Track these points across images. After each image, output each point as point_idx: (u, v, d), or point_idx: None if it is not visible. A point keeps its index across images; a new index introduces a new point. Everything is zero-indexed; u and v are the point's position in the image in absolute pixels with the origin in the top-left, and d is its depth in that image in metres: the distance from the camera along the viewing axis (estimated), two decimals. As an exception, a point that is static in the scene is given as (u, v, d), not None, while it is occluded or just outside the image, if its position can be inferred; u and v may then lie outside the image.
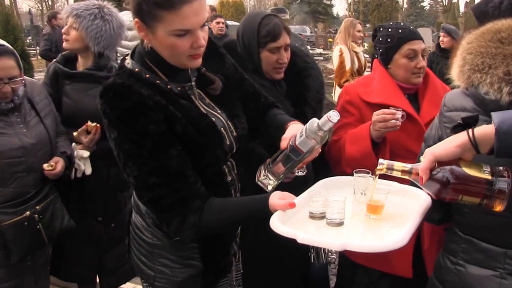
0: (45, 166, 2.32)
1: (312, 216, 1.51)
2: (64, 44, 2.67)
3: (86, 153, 2.51)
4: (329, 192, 1.54)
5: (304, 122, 1.76)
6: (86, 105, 2.59)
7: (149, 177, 1.48)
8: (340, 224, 1.47)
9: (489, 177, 1.31)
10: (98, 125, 2.50)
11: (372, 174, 1.58)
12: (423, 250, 2.19)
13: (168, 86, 1.56)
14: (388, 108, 2.12)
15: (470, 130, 1.34)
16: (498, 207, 1.31)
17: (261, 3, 65.37)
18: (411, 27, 2.34)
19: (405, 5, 53.74)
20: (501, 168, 1.32)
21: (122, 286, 3.27)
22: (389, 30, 2.29)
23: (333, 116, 1.47)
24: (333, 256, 2.57)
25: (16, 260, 2.31)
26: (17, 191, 2.24)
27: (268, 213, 1.46)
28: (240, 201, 1.67)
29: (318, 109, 2.31)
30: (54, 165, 2.35)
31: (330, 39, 17.56)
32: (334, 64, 5.85)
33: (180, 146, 1.53)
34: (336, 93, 6.04)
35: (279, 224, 1.41)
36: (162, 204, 1.52)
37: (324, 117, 1.49)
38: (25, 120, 2.31)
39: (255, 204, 1.54)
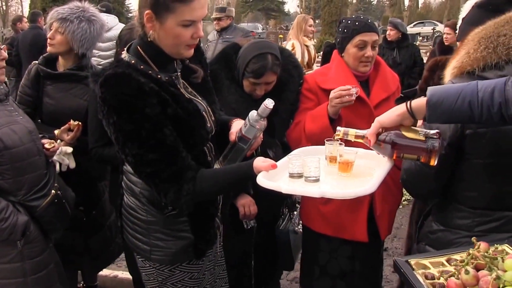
0: (46, 145, 2.37)
1: (292, 176, 1.72)
2: (49, 48, 2.73)
3: (69, 149, 2.58)
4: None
5: (272, 132, 2.25)
6: (68, 103, 2.70)
7: (148, 154, 1.66)
8: (317, 180, 1.69)
9: (423, 138, 1.58)
10: (80, 123, 2.59)
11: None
12: (376, 216, 2.45)
13: (158, 76, 1.75)
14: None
15: (408, 102, 1.61)
16: (432, 162, 1.59)
17: (214, 2, 64.88)
18: (369, 20, 2.48)
19: (354, 1, 54.71)
20: (433, 131, 1.59)
21: (101, 273, 3.45)
22: (348, 22, 2.47)
23: (268, 103, 1.81)
24: (299, 229, 2.75)
25: (58, 237, 2.42)
26: (37, 175, 2.27)
27: (253, 175, 1.67)
28: (228, 168, 1.86)
29: (287, 120, 2.53)
30: (54, 144, 2.43)
31: (281, 35, 17.76)
32: None
33: (171, 127, 1.70)
34: None
35: (264, 180, 1.63)
36: (161, 176, 1.69)
37: (262, 105, 1.83)
38: (16, 108, 2.34)
39: (241, 169, 1.75)
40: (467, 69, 1.65)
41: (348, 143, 1.80)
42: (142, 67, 1.73)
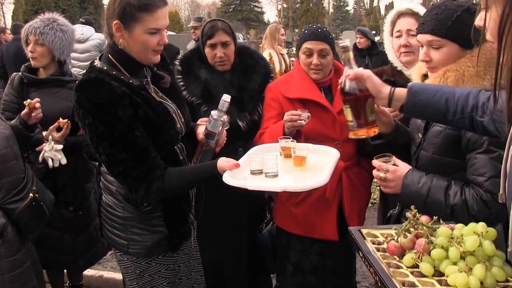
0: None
1: (253, 172, 1.89)
2: (33, 63, 2.89)
3: (60, 146, 2.68)
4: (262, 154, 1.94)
5: (241, 106, 2.51)
6: (54, 106, 2.82)
7: (120, 153, 1.79)
8: (276, 175, 1.86)
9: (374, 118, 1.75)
10: (69, 121, 2.69)
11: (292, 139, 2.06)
12: (345, 216, 2.51)
13: (130, 81, 1.88)
14: (314, 104, 2.45)
15: (393, 88, 1.66)
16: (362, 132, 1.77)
17: (194, 13, 64.80)
18: (320, 30, 2.50)
19: (331, 10, 55.24)
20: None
21: (86, 273, 3.53)
22: (303, 31, 2.58)
23: (225, 97, 2.06)
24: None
25: (35, 237, 2.49)
26: (15, 179, 2.35)
27: (217, 174, 1.83)
28: (193, 167, 2.05)
29: (256, 98, 2.67)
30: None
31: (261, 45, 17.95)
32: None
33: (142, 128, 1.83)
34: None
35: (231, 179, 1.79)
36: (131, 174, 1.82)
37: (221, 101, 2.06)
38: None
39: (206, 168, 1.93)
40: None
41: (299, 140, 2.00)
42: (114, 73, 1.86)
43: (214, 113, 2.09)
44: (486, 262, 1.20)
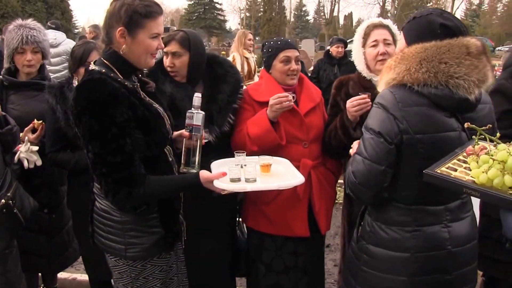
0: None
1: (233, 180, 2.03)
2: (29, 69, 2.93)
3: (36, 147, 2.70)
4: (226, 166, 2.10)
5: (211, 119, 2.50)
6: (33, 108, 2.87)
7: (107, 155, 1.83)
8: (255, 180, 2.04)
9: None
10: (43, 122, 2.73)
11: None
12: (315, 212, 2.64)
13: (126, 83, 1.95)
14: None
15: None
16: None
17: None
18: (289, 40, 2.81)
19: (292, 19, 55.89)
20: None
21: (60, 275, 3.52)
22: (271, 42, 2.74)
23: (196, 94, 2.18)
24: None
25: (4, 245, 2.45)
26: None
27: (199, 184, 1.94)
28: (173, 177, 2.09)
29: (225, 109, 2.62)
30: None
31: (223, 52, 18.12)
32: None
33: (139, 132, 1.90)
34: None
35: (227, 184, 1.96)
36: (113, 177, 1.85)
37: (194, 98, 2.16)
38: None
39: (186, 179, 2.02)
40: (408, 85, 1.80)
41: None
42: (112, 75, 1.92)
43: (191, 110, 2.17)
44: (508, 172, 1.55)
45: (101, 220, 2.10)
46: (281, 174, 2.22)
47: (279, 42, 2.71)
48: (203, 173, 1.96)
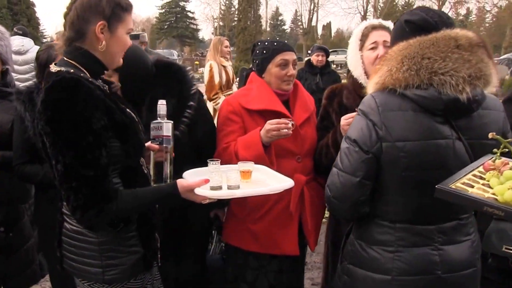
0: None
1: (213, 188, 1.84)
2: None
3: None
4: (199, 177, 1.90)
5: None
6: None
7: (80, 167, 1.64)
8: (238, 187, 1.88)
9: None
10: None
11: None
12: (306, 230, 2.48)
13: (98, 84, 1.76)
14: (275, 115, 2.34)
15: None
16: None
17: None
18: (285, 41, 2.54)
19: (268, 29, 56.24)
20: None
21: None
22: (266, 43, 2.52)
23: (160, 101, 1.99)
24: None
25: None
26: None
27: (177, 194, 1.78)
28: (147, 188, 1.89)
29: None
30: None
31: (197, 62, 17.75)
32: (205, 80, 6.01)
33: (116, 140, 1.73)
34: (208, 107, 6.07)
35: (213, 192, 1.82)
36: (85, 192, 1.67)
37: (158, 107, 1.98)
38: None
39: (163, 189, 1.84)
40: (389, 87, 1.65)
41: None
42: (82, 75, 1.72)
43: (156, 121, 1.98)
44: None
45: (72, 242, 1.93)
46: (262, 180, 2.07)
47: (275, 44, 2.51)
48: (182, 182, 1.82)
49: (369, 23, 2.49)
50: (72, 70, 1.71)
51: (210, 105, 5.88)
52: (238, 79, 7.35)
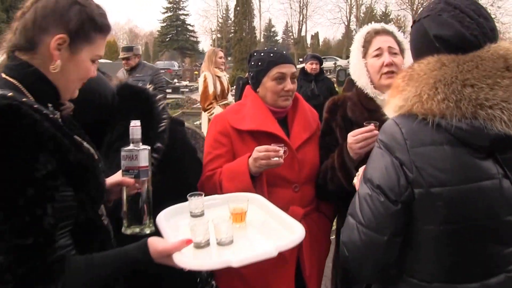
0: None
1: (198, 246, 1.40)
2: None
3: None
4: (178, 217, 1.56)
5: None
6: None
7: (12, 236, 1.10)
8: (231, 242, 1.42)
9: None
10: None
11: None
12: (305, 276, 2.05)
13: (46, 112, 1.22)
14: (269, 137, 2.00)
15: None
16: None
17: (132, 43, 64.57)
18: (284, 52, 2.17)
19: (262, 39, 56.39)
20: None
21: None
22: (262, 54, 2.15)
23: (134, 122, 1.48)
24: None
25: None
26: None
27: (149, 260, 1.26)
28: (107, 254, 1.30)
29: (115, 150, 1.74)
30: None
31: (196, 72, 17.72)
32: (199, 91, 5.84)
33: (69, 188, 1.22)
34: (203, 118, 6.07)
35: (199, 263, 1.32)
36: (19, 271, 1.12)
37: (131, 129, 1.47)
38: None
39: (129, 254, 1.28)
40: (420, 117, 1.26)
41: None
42: (24, 99, 1.19)
43: (131, 147, 1.47)
44: None
45: None
46: (261, 222, 1.58)
47: (271, 55, 2.11)
48: (155, 243, 1.27)
49: (371, 28, 2.15)
50: (10, 94, 1.18)
51: (205, 116, 5.77)
52: (235, 87, 7.26)
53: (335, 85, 7.60)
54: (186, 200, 1.66)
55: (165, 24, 58.36)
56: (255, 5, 42.89)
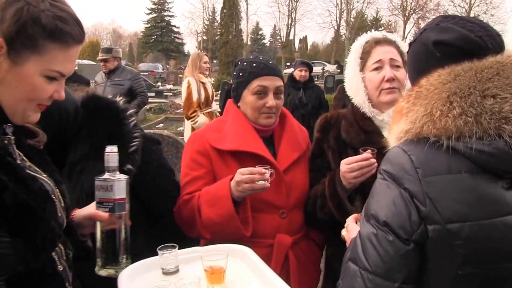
0: None
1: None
2: None
3: None
4: (147, 275, 1.42)
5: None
6: None
7: None
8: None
9: None
10: None
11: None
12: None
13: None
14: (253, 157, 1.83)
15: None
16: None
17: (116, 43, 64.26)
18: (270, 62, 1.95)
19: (249, 42, 56.42)
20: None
21: None
22: (244, 63, 1.94)
23: (109, 147, 1.36)
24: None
25: None
26: None
27: None
28: None
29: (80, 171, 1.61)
30: None
31: (181, 75, 17.49)
32: (182, 97, 5.56)
33: (5, 233, 1.04)
34: (186, 126, 5.78)
35: None
36: None
37: (106, 156, 1.35)
38: None
39: None
40: (431, 140, 1.09)
41: None
42: None
43: (106, 176, 1.33)
44: None
45: None
46: (244, 282, 1.40)
47: (254, 65, 1.90)
48: None
49: (371, 37, 1.94)
50: None
51: (188, 124, 5.49)
52: (220, 92, 6.97)
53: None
54: (161, 229, 1.54)
55: (149, 25, 58.20)
56: (242, 8, 42.73)
